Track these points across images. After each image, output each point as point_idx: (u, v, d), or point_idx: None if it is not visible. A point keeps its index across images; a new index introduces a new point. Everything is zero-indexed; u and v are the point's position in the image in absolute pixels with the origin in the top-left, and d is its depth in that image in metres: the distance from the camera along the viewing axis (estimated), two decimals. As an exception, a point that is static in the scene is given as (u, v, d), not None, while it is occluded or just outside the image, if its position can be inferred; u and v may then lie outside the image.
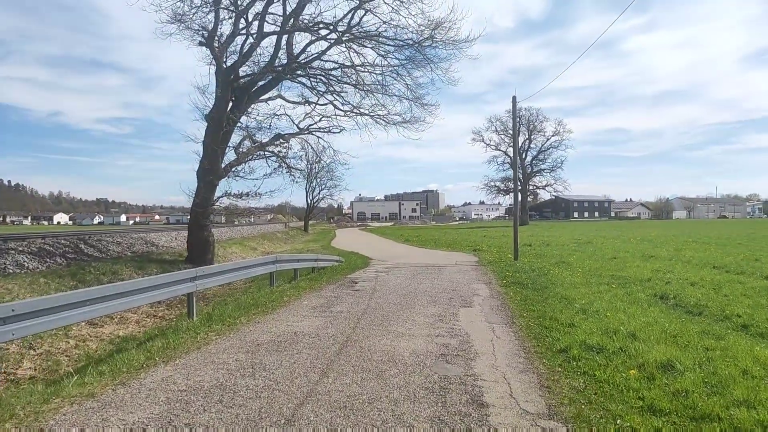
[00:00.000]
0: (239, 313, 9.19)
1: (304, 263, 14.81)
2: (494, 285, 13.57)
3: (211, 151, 19.59)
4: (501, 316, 9.39)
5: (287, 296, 11.21)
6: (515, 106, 18.96)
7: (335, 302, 10.66)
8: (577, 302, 10.71)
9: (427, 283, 13.81)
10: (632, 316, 9.20)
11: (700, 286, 13.38)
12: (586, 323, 8.53)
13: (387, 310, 9.75)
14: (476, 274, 15.97)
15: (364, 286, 13.24)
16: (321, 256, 17.15)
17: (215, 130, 19.33)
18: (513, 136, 19.15)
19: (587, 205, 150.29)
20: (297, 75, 21.21)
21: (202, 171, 19.93)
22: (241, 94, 20.07)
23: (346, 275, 15.57)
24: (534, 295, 11.59)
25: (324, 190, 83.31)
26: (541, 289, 12.51)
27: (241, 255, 31.41)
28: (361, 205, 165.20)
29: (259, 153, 22.36)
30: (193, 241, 20.47)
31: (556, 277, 14.87)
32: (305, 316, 9.18)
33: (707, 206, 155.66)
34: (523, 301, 10.90)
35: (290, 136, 23.63)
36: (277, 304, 10.32)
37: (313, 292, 12.12)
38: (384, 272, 16.58)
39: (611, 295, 11.67)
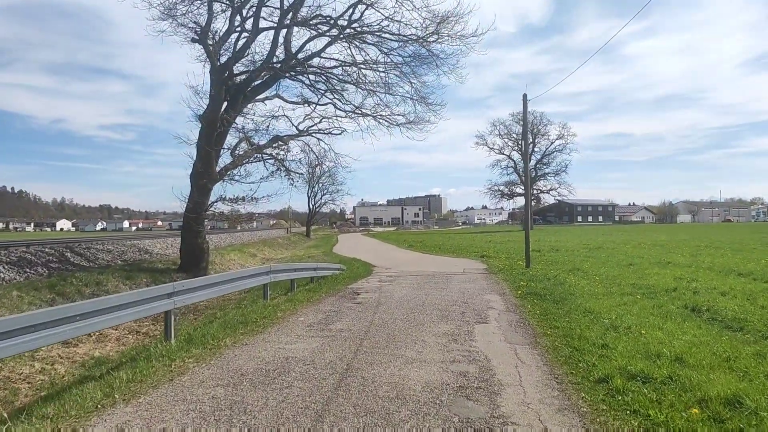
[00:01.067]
0: (225, 333, 8.09)
1: (301, 273, 13.71)
2: (509, 296, 12.46)
3: (204, 154, 18.57)
4: (522, 335, 8.29)
5: (281, 311, 10.11)
6: (526, 105, 17.92)
7: (335, 318, 9.57)
8: (604, 316, 9.63)
9: (435, 294, 12.71)
10: (671, 334, 8.11)
11: (732, 296, 12.26)
12: (620, 343, 7.44)
13: (393, 327, 8.66)
14: (487, 284, 14.87)
15: (366, 298, 12.15)
16: (321, 265, 16.05)
17: (209, 132, 18.32)
18: (523, 135, 18.10)
19: (591, 210, 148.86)
20: (295, 73, 20.20)
21: (196, 174, 18.90)
22: (236, 94, 19.05)
23: (347, 285, 14.48)
24: (554, 308, 10.50)
25: (326, 195, 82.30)
26: (560, 300, 11.40)
27: (239, 262, 30.36)
28: (363, 210, 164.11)
29: (256, 156, 21.33)
30: (186, 249, 19.42)
31: (574, 286, 13.76)
32: (300, 336, 8.09)
33: (711, 210, 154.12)
34: (543, 316, 9.81)
35: (289, 139, 22.59)
36: (269, 320, 9.22)
37: (310, 305, 11.02)
38: (388, 281, 15.50)
39: (639, 308, 10.56)
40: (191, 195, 19.05)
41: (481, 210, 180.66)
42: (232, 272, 10.33)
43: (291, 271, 12.91)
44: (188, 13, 18.12)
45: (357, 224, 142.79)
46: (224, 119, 18.40)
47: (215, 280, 9.26)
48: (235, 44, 18.74)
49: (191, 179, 19.19)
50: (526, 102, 17.96)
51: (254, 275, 10.94)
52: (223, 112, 18.67)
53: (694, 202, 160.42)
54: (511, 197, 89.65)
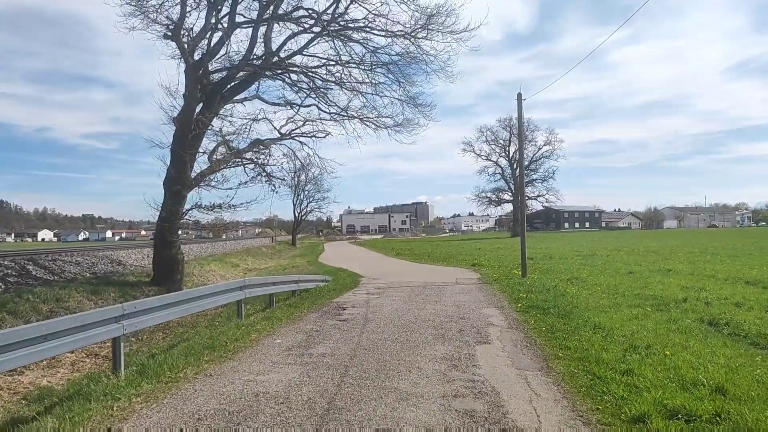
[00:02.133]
0: (187, 361, 6.92)
1: (281, 286, 12.52)
2: (508, 310, 11.42)
3: (178, 158, 17.36)
4: (531, 357, 7.24)
5: (256, 332, 8.94)
6: (521, 104, 17.00)
7: (317, 339, 8.43)
8: (617, 333, 8.64)
9: (428, 308, 11.63)
10: (699, 356, 7.12)
11: (748, 307, 11.36)
12: (646, 368, 6.43)
13: (383, 350, 7.55)
14: (483, 296, 13.83)
15: (353, 313, 11.02)
16: (303, 277, 14.83)
17: (183, 134, 17.12)
18: (519, 136, 17.18)
19: (578, 216, 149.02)
20: (276, 73, 19.09)
21: (169, 180, 17.67)
22: (212, 94, 17.88)
23: (332, 299, 13.34)
24: (561, 324, 9.47)
25: (312, 202, 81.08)
26: (566, 315, 10.38)
27: (219, 273, 29.06)
28: (350, 218, 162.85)
29: (235, 161, 20.14)
30: (160, 261, 18.14)
31: (577, 297, 12.76)
32: (275, 363, 6.94)
33: (697, 216, 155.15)
34: (550, 333, 8.77)
35: (270, 143, 21.42)
36: (241, 344, 8.06)
37: (290, 324, 9.86)
38: (376, 294, 14.39)
39: (653, 323, 9.58)
40: (164, 203, 17.80)
41: (468, 217, 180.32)
42: (198, 289, 9.13)
43: (269, 285, 11.72)
44: (160, 7, 16.97)
45: (344, 232, 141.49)
46: (199, 121, 17.22)
47: (176, 299, 8.03)
48: (209, 40, 17.58)
49: (165, 186, 17.97)
50: (520, 101, 17.04)
51: (224, 291, 9.72)
52: (198, 114, 17.50)
53: (679, 208, 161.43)
54: (499, 204, 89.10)
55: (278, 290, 12.29)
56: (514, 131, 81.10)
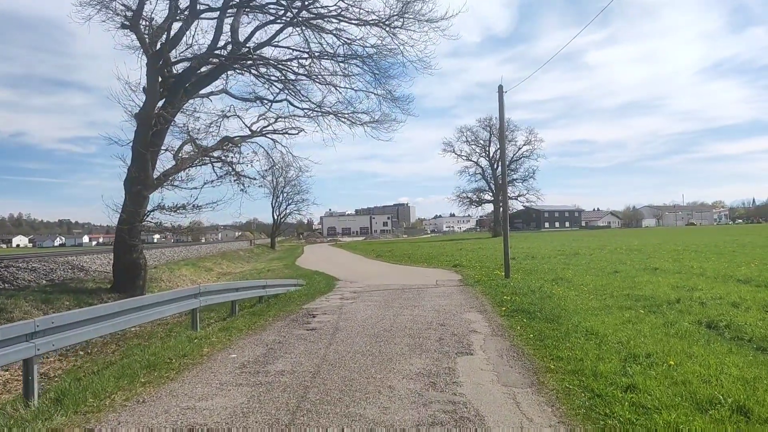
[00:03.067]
0: (118, 384, 5.89)
1: (245, 293, 11.46)
2: (492, 314, 10.55)
3: (139, 156, 16.22)
4: (519, 371, 6.36)
5: (210, 345, 7.92)
6: (502, 97, 16.18)
7: (278, 353, 7.44)
8: (611, 339, 7.83)
9: (406, 314, 10.70)
10: (708, 365, 6.30)
11: (745, 308, 10.63)
12: (651, 382, 5.60)
13: (351, 366, 6.60)
14: (465, 298, 12.95)
15: (323, 321, 10.05)
16: (271, 282, 13.70)
17: (143, 130, 15.99)
18: (500, 130, 16.42)
19: (558, 216, 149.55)
20: (245, 65, 18.03)
21: (129, 181, 16.52)
22: (175, 87, 16.75)
23: (302, 305, 12.34)
24: (550, 330, 8.62)
25: (291, 204, 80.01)
26: (554, 319, 9.55)
27: (191, 278, 27.79)
28: (331, 220, 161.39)
29: (202, 159, 19.03)
30: (120, 266, 16.93)
31: (564, 299, 11.96)
32: (223, 384, 5.95)
33: (675, 214, 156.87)
34: (539, 341, 7.91)
35: (240, 140, 20.37)
36: (189, 360, 7.04)
37: (250, 335, 8.85)
38: (351, 299, 13.42)
39: (649, 327, 8.78)
40: (125, 204, 16.63)
41: (449, 218, 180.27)
42: (139, 299, 8.03)
43: (230, 291, 10.65)
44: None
45: (325, 234, 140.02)
46: (161, 116, 16.07)
47: (108, 311, 6.90)
48: (170, 30, 16.42)
49: (125, 186, 16.80)
50: (501, 94, 16.23)
51: (174, 300, 8.60)
52: (160, 108, 16.36)
53: (658, 207, 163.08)
54: (480, 204, 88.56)
55: (241, 297, 11.24)
56: (494, 131, 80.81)
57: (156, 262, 30.65)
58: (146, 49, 15.52)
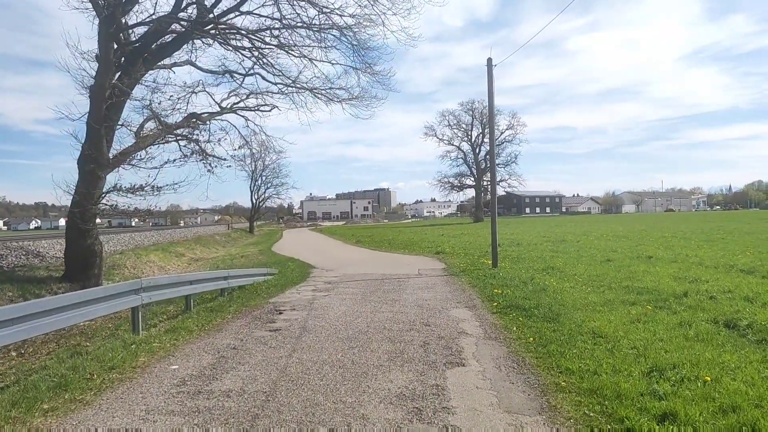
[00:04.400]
0: (10, 414, 4.55)
1: (201, 286, 10.00)
2: (482, 310, 9.36)
3: (93, 133, 14.61)
4: (524, 390, 5.16)
5: (148, 353, 6.56)
6: (491, 71, 14.88)
7: (229, 364, 6.13)
8: (625, 344, 6.70)
9: (385, 310, 9.45)
10: (752, 383, 5.19)
11: (761, 303, 9.57)
12: (692, 408, 4.48)
13: (316, 384, 5.32)
14: (451, 291, 11.75)
15: (290, 319, 8.74)
16: (235, 272, 12.21)
17: (97, 104, 14.37)
18: (489, 106, 15.18)
19: (538, 201, 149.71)
20: (212, 34, 16.39)
21: (83, 159, 14.92)
22: (133, 56, 15.11)
23: (270, 298, 11.02)
24: (550, 331, 7.46)
25: (270, 188, 78.23)
26: (553, 317, 8.39)
27: (159, 264, 26.16)
28: (311, 205, 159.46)
29: (166, 137, 17.45)
30: (73, 253, 15.35)
31: (560, 292, 10.84)
32: (150, 412, 4.63)
33: (654, 200, 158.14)
34: (541, 346, 6.73)
35: (209, 117, 18.80)
36: (117, 375, 5.70)
37: (202, 338, 7.51)
38: (325, 291, 12.14)
39: (663, 328, 7.67)
40: (78, 185, 15.04)
41: (429, 203, 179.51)
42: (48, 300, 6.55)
43: (182, 284, 9.21)
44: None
45: (305, 219, 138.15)
46: (116, 87, 14.45)
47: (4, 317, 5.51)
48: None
49: (78, 165, 15.19)
50: (491, 67, 14.93)
51: (105, 298, 7.11)
52: (116, 79, 14.73)
53: (637, 193, 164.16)
54: (461, 189, 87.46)
55: (197, 290, 9.82)
56: (477, 115, 79.65)
57: (124, 247, 28.95)
58: (98, 10, 13.83)
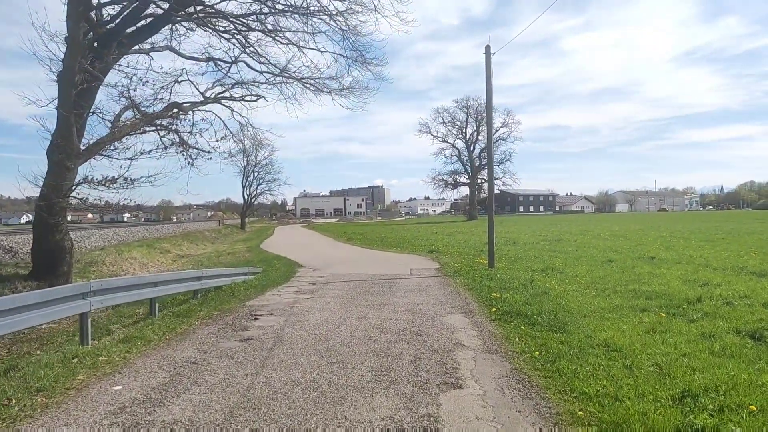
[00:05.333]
0: None
1: (170, 287, 9.00)
2: (480, 317, 8.46)
3: (62, 121, 13.61)
4: (535, 424, 4.26)
5: (90, 370, 5.59)
6: (489, 59, 13.98)
7: (184, 384, 5.19)
8: (644, 360, 5.84)
9: (372, 316, 8.53)
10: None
11: (782, 309, 8.77)
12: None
13: (282, 414, 4.39)
14: (445, 294, 10.85)
15: (264, 327, 7.80)
16: (210, 272, 11.01)
17: (66, 89, 13.36)
18: (487, 95, 14.28)
19: (532, 200, 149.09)
20: (194, 18, 15.39)
21: (51, 149, 13.92)
22: (106, 39, 14.10)
23: (247, 301, 10.08)
24: (557, 343, 6.58)
25: (262, 184, 77.33)
26: (560, 326, 7.50)
27: (141, 261, 25.12)
28: (304, 201, 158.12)
29: (146, 128, 16.44)
30: (41, 249, 14.32)
31: (563, 296, 9.97)
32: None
33: (648, 199, 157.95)
34: (549, 362, 5.84)
35: (191, 107, 17.80)
36: (44, 398, 4.74)
37: (160, 349, 6.56)
38: (308, 293, 11.21)
39: (683, 340, 6.80)
40: (46, 177, 14.04)
41: (423, 201, 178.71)
42: None
43: (145, 286, 8.18)
44: None
45: (298, 215, 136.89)
46: (86, 71, 13.43)
47: None
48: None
49: (47, 156, 14.19)
50: (489, 55, 14.01)
51: (40, 305, 6.08)
52: (87, 64, 13.70)
53: (631, 192, 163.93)
54: (455, 187, 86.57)
55: (163, 293, 8.85)
56: (471, 112, 78.79)
57: (106, 243, 27.91)
58: (67, -12, 12.81)
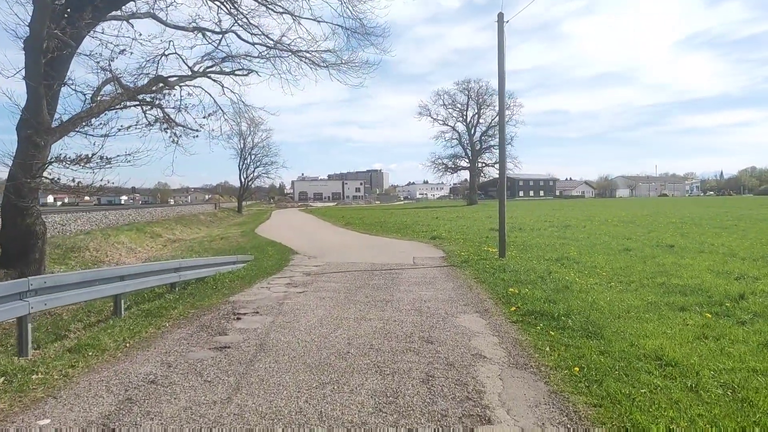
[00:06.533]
0: None
1: (139, 281, 7.72)
2: (498, 318, 7.28)
3: (30, 93, 12.30)
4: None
5: (14, 394, 4.37)
6: (502, 27, 12.64)
7: (132, 415, 4.02)
8: (708, 380, 4.76)
9: (373, 317, 7.35)
10: None
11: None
12: None
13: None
14: (455, 288, 9.67)
15: (247, 329, 6.63)
16: (188, 262, 9.58)
17: (34, 57, 12.03)
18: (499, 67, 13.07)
19: (532, 184, 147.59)
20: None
21: (21, 125, 12.62)
22: (79, 3, 12.75)
23: (231, 295, 8.90)
24: (596, 355, 5.44)
25: (259, 167, 75.91)
26: (594, 331, 6.34)
27: (129, 246, 23.87)
28: (303, 185, 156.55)
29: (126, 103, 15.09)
30: (10, 234, 13.07)
31: (587, 291, 8.82)
32: None
33: (648, 185, 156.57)
34: (595, 383, 4.69)
35: (178, 81, 16.45)
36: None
37: (117, 361, 5.38)
38: (302, 285, 10.03)
39: (746, 350, 5.68)
40: (16, 155, 12.76)
41: (422, 185, 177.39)
42: None
43: (105, 281, 6.89)
44: None
45: (296, 199, 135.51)
46: (55, 37, 12.09)
47: None
48: None
49: (17, 132, 12.90)
50: (501, 23, 12.69)
51: None
52: (58, 29, 12.36)
53: (631, 177, 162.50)
54: (455, 171, 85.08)
55: (131, 289, 7.61)
56: (472, 95, 77.10)
57: (93, 227, 26.66)
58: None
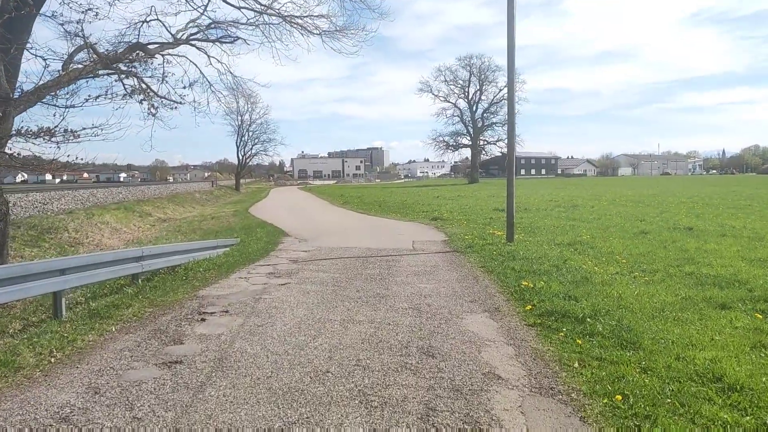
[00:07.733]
0: None
1: (86, 275, 6.55)
2: (512, 319, 6.15)
3: (-12, 59, 11.02)
4: None
5: None
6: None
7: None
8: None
9: (363, 318, 6.22)
10: None
11: None
12: None
13: None
14: (459, 279, 8.53)
15: (209, 335, 5.50)
16: (151, 250, 8.42)
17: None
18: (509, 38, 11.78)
19: (534, 162, 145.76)
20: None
21: (-22, 94, 11.38)
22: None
23: (202, 288, 7.76)
24: (639, 373, 4.35)
25: (257, 144, 74.29)
26: (629, 339, 5.22)
27: (114, 226, 22.72)
28: (302, 163, 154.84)
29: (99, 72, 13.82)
30: (-32, 215, 11.96)
31: (610, 284, 7.69)
32: None
33: (651, 163, 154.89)
34: (645, 419, 3.60)
35: (160, 48, 15.13)
36: None
37: (33, 383, 4.24)
38: (285, 275, 8.90)
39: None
40: (-25, 127, 11.54)
41: (423, 163, 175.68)
42: None
43: (41, 276, 5.69)
44: None
45: (295, 177, 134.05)
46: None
47: None
48: None
49: (-24, 102, 11.65)
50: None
51: None
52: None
53: (634, 155, 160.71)
54: (457, 148, 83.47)
55: (75, 284, 6.38)
56: (474, 71, 75.16)
57: (79, 206, 25.46)
58: None
